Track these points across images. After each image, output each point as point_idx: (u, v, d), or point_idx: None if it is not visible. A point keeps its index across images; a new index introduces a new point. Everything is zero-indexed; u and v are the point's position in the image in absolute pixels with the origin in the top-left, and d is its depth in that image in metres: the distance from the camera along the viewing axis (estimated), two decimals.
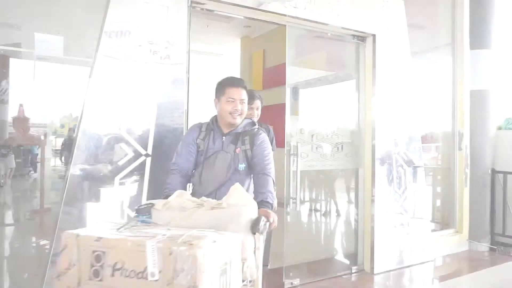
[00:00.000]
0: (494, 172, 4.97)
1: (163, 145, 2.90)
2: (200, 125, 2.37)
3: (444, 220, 5.22)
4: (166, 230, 1.41)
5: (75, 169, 2.63)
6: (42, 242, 4.52)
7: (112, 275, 1.27)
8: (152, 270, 1.21)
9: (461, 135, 5.06)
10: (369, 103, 4.18)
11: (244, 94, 2.26)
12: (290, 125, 3.78)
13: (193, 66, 3.18)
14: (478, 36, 4.97)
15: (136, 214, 1.63)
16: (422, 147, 4.50)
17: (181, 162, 2.26)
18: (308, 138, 3.92)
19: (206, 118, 2.45)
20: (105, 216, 2.73)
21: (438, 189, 5.36)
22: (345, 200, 5.30)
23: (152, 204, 1.64)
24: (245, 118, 2.34)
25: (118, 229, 1.43)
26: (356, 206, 4.29)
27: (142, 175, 2.82)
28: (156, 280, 1.21)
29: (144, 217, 1.60)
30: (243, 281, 1.55)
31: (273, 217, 1.85)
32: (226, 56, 8.66)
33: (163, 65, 2.92)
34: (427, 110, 5.06)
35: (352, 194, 4.43)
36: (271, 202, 2.03)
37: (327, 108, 4.24)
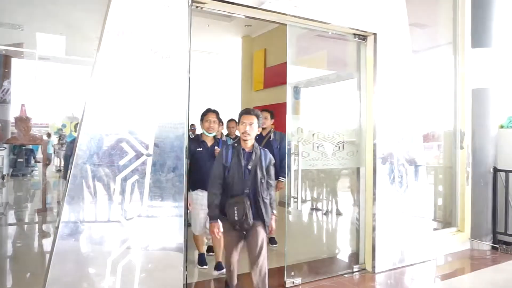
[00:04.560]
0: (496, 170, 4.96)
1: (164, 145, 2.90)
2: None
3: (446, 218, 5.22)
4: None
5: (77, 169, 2.64)
6: (44, 241, 4.54)
7: None
8: None
9: (463, 133, 5.05)
10: (370, 102, 4.18)
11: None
12: (291, 125, 3.78)
13: (194, 66, 3.19)
14: (480, 35, 4.97)
15: None
16: (424, 146, 4.50)
17: None
18: (309, 137, 3.92)
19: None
20: (106, 216, 2.74)
21: (440, 188, 5.36)
22: (346, 199, 5.31)
23: None
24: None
25: None
26: (358, 205, 4.29)
27: (143, 175, 2.82)
28: None
29: None
30: None
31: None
32: (227, 55, 8.66)
33: (164, 64, 2.93)
34: (428, 109, 5.05)
35: (354, 193, 4.43)
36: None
37: (328, 107, 4.24)
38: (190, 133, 5.95)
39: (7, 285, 3.39)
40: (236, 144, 2.99)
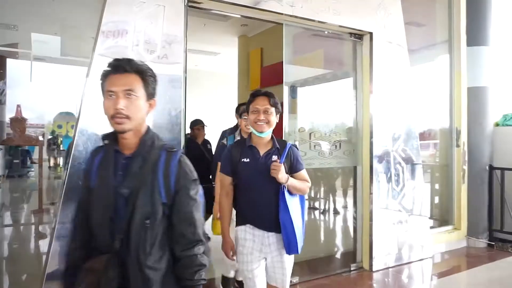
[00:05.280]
0: (491, 168, 4.98)
1: None
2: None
3: (442, 216, 5.24)
4: None
5: (73, 169, 2.63)
6: (41, 242, 4.52)
7: None
8: None
9: (459, 132, 5.07)
10: (367, 101, 4.19)
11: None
12: (288, 124, 3.78)
13: (190, 65, 3.18)
14: (475, 33, 4.99)
15: None
16: (420, 144, 4.52)
17: None
18: (306, 137, 3.92)
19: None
20: None
21: (436, 186, 5.38)
22: (343, 198, 5.32)
23: None
24: None
25: None
26: (355, 203, 4.30)
27: None
28: None
29: None
30: None
31: None
32: (224, 55, 8.65)
33: (160, 64, 2.91)
34: (424, 108, 5.07)
35: (351, 192, 4.44)
36: None
37: (325, 106, 4.24)
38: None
39: (4, 286, 3.37)
40: (107, 142, 1.43)
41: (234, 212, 2.31)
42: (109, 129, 1.41)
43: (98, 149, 1.47)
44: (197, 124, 4.94)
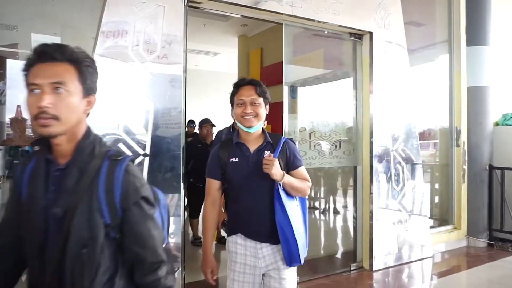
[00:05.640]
0: (491, 168, 4.99)
1: (161, 145, 2.90)
2: None
3: (442, 216, 5.24)
4: None
5: None
6: None
7: None
8: None
9: (459, 131, 5.08)
10: (367, 100, 4.19)
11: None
12: (288, 124, 3.78)
13: (190, 65, 3.18)
14: (475, 33, 4.99)
15: None
16: (420, 144, 4.52)
17: None
18: (306, 137, 3.93)
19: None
20: None
21: (436, 186, 5.38)
22: (343, 198, 5.32)
23: None
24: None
25: None
26: (355, 203, 4.30)
27: None
28: None
29: None
30: None
31: None
32: (224, 55, 8.65)
33: (160, 64, 2.92)
34: (424, 107, 5.07)
35: (351, 192, 4.45)
36: None
37: (325, 106, 4.25)
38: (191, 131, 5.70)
39: None
40: (37, 148, 1.14)
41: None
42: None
43: (30, 156, 1.16)
44: (206, 123, 4.95)
